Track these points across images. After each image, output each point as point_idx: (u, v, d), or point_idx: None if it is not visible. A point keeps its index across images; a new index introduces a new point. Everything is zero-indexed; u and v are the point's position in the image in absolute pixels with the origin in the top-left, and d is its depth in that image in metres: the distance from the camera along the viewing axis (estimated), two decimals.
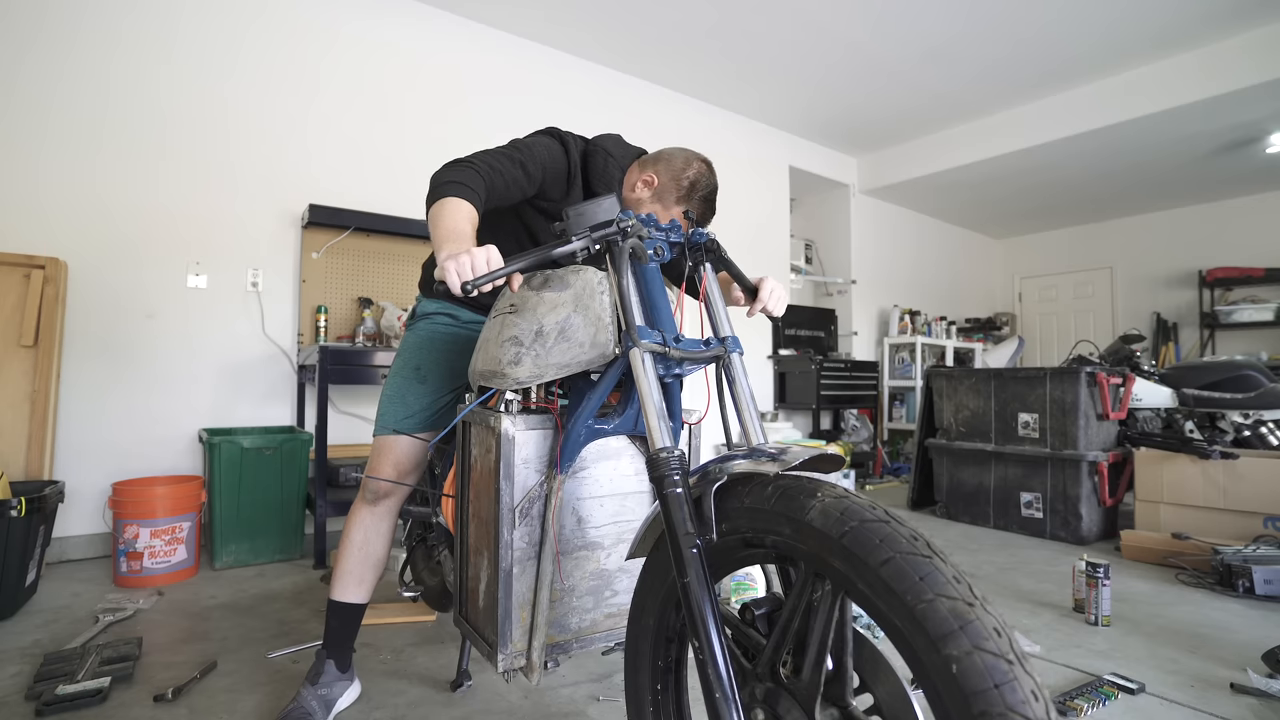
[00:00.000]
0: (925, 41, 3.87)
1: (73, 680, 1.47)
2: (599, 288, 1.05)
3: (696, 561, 0.80)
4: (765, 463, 0.79)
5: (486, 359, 1.11)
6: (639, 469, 1.20)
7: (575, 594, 1.13)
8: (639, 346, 0.94)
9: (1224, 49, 3.88)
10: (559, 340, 1.04)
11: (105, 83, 2.67)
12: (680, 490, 0.84)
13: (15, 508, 1.92)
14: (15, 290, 2.38)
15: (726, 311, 1.10)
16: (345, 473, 2.73)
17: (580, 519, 1.14)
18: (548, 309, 1.06)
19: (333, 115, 3.19)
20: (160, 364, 2.75)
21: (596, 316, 1.04)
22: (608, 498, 1.17)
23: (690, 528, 0.82)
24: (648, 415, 0.90)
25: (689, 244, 1.11)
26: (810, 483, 0.77)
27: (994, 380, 3.38)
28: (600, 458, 1.16)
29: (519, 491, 1.07)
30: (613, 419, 1.12)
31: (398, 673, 1.62)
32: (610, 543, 1.17)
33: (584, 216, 1.03)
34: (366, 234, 3.17)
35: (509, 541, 1.06)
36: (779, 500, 0.77)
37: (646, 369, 0.93)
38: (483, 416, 1.14)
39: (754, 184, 5.09)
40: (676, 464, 0.85)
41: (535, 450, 1.09)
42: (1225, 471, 2.72)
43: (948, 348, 5.96)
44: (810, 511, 0.72)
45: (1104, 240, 7.09)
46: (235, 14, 2.96)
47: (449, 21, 3.58)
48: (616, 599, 1.18)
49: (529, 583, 1.08)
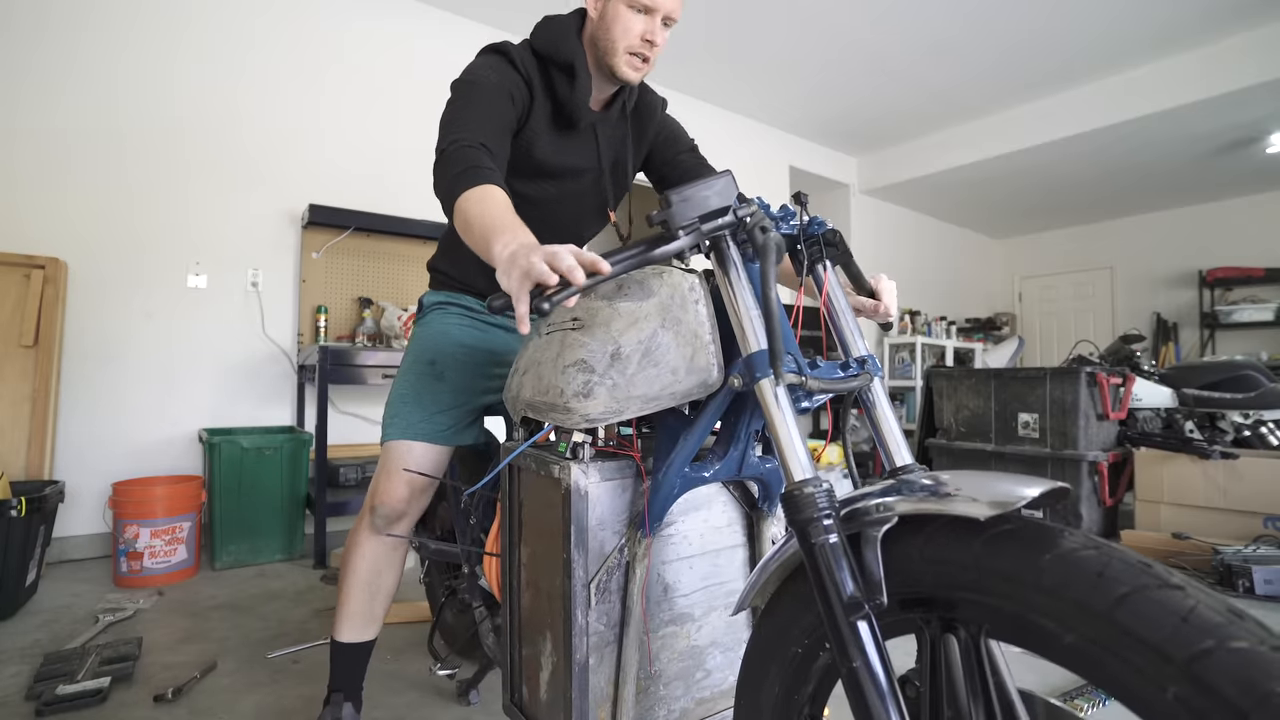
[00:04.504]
0: (925, 39, 3.87)
1: (73, 680, 1.47)
2: (691, 295, 0.83)
3: (868, 638, 0.61)
4: (952, 500, 0.59)
5: (539, 386, 0.88)
6: (732, 519, 1.00)
7: (662, 680, 0.93)
8: (780, 378, 0.70)
9: (1224, 49, 3.88)
10: (644, 365, 0.81)
11: (106, 83, 2.66)
12: (837, 539, 0.64)
13: (15, 508, 1.92)
14: (15, 290, 2.38)
15: (857, 323, 0.86)
16: (345, 473, 2.73)
17: (666, 587, 0.93)
18: (626, 324, 0.82)
19: (334, 115, 3.19)
20: (160, 364, 2.75)
21: (693, 333, 0.82)
22: (697, 557, 0.96)
23: (855, 591, 0.62)
24: (782, 449, 0.70)
25: (805, 236, 0.86)
26: (1045, 530, 0.57)
27: (994, 380, 3.38)
28: (687, 509, 0.95)
29: (594, 561, 0.86)
30: (712, 464, 0.89)
31: (397, 673, 1.62)
32: (701, 613, 0.96)
33: (690, 203, 0.79)
34: (366, 234, 3.17)
35: (583, 626, 0.85)
36: (996, 553, 0.56)
37: (782, 406, 0.72)
38: (540, 461, 0.91)
39: (754, 184, 5.09)
40: (826, 502, 0.65)
41: (612, 507, 0.88)
42: (1225, 471, 2.71)
43: (948, 348, 5.96)
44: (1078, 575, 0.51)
45: (1104, 240, 7.09)
46: (239, 15, 2.96)
47: (451, 22, 3.58)
48: (709, 680, 0.98)
49: (608, 674, 0.87)
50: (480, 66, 1.10)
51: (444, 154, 0.98)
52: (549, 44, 1.13)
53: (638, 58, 1.10)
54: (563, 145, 1.18)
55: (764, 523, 1.00)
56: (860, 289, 0.94)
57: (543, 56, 1.14)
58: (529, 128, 1.14)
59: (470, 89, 1.06)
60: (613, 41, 1.09)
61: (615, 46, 1.09)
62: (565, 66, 1.13)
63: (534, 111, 1.14)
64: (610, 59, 1.11)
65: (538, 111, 1.14)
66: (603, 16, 1.10)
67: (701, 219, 0.78)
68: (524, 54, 1.13)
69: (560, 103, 1.15)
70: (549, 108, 1.16)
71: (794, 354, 0.76)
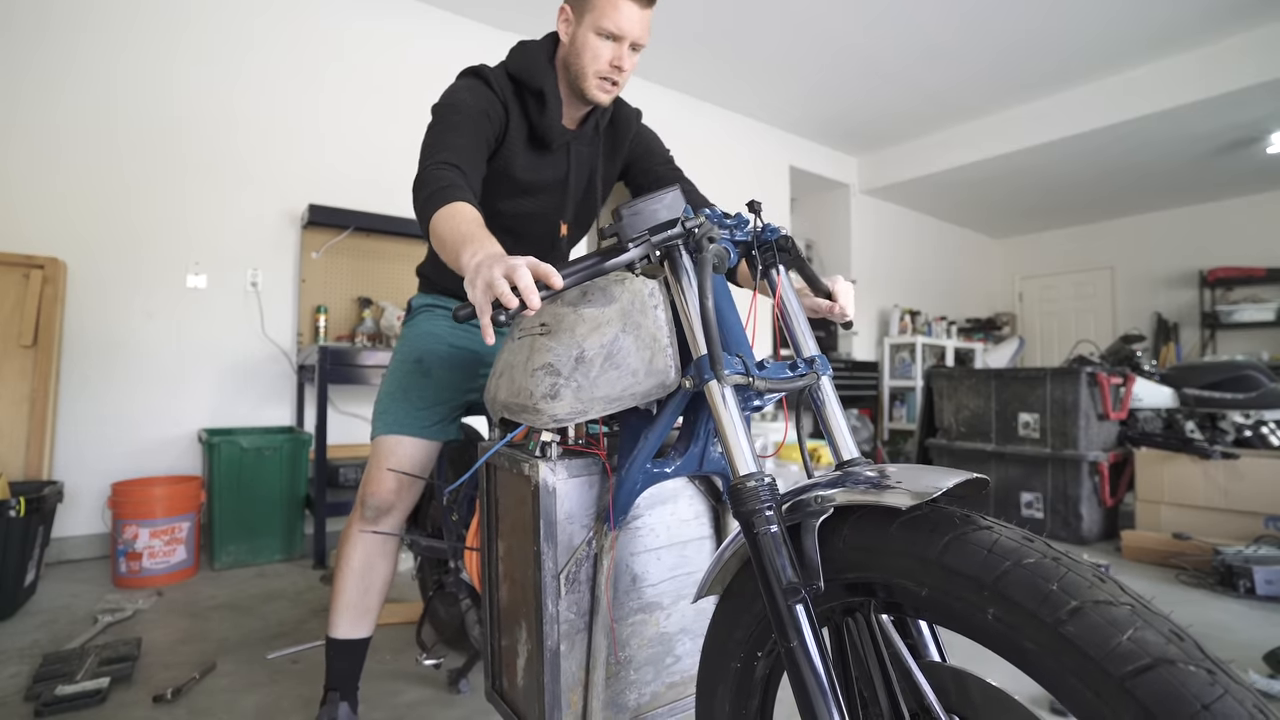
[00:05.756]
0: (919, 44, 3.87)
1: (72, 681, 1.47)
2: (650, 300, 0.88)
3: (804, 620, 0.66)
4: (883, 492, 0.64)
5: (512, 389, 0.93)
6: (699, 511, 1.03)
7: (633, 665, 0.96)
8: (721, 380, 0.75)
9: (1223, 49, 3.88)
10: (606, 368, 0.85)
11: (106, 83, 2.66)
12: (776, 529, 0.69)
13: (14, 508, 1.92)
14: (15, 290, 2.37)
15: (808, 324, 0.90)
16: (345, 473, 2.73)
17: (635, 577, 0.96)
18: (589, 329, 0.87)
19: (333, 115, 3.19)
20: (160, 364, 2.74)
21: (651, 337, 0.86)
22: (665, 549, 1.00)
23: (794, 576, 0.67)
24: (728, 446, 0.75)
25: (758, 243, 0.91)
26: (952, 516, 0.62)
27: (994, 380, 3.38)
28: (654, 503, 0.98)
29: (563, 554, 0.90)
30: (673, 460, 0.93)
31: (396, 673, 1.61)
32: (670, 601, 1.00)
33: (640, 216, 0.85)
34: (366, 234, 3.17)
35: (554, 615, 0.89)
36: (910, 538, 0.62)
37: (729, 405, 0.76)
38: (512, 459, 0.96)
39: (754, 184, 5.08)
40: (768, 494, 0.70)
41: (580, 502, 0.92)
42: (1226, 471, 2.71)
43: (948, 348, 5.96)
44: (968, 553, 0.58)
45: (1104, 240, 7.09)
46: (238, 15, 2.95)
47: (451, 22, 3.57)
48: (679, 665, 1.01)
49: (579, 660, 0.91)
50: (458, 90, 1.16)
51: (420, 177, 1.04)
52: (522, 70, 1.19)
53: (607, 81, 1.16)
54: (538, 163, 1.25)
55: (727, 515, 1.05)
56: (817, 290, 0.98)
57: (516, 80, 1.21)
58: (506, 147, 1.20)
59: (448, 112, 1.12)
60: (583, 67, 1.15)
61: (585, 71, 1.15)
62: (536, 93, 1.19)
63: (510, 131, 1.20)
64: (581, 83, 1.17)
65: (514, 131, 1.20)
66: (573, 42, 1.16)
67: (651, 231, 0.84)
68: (500, 77, 1.19)
69: (534, 124, 1.22)
70: (524, 129, 1.22)
71: (743, 355, 0.80)
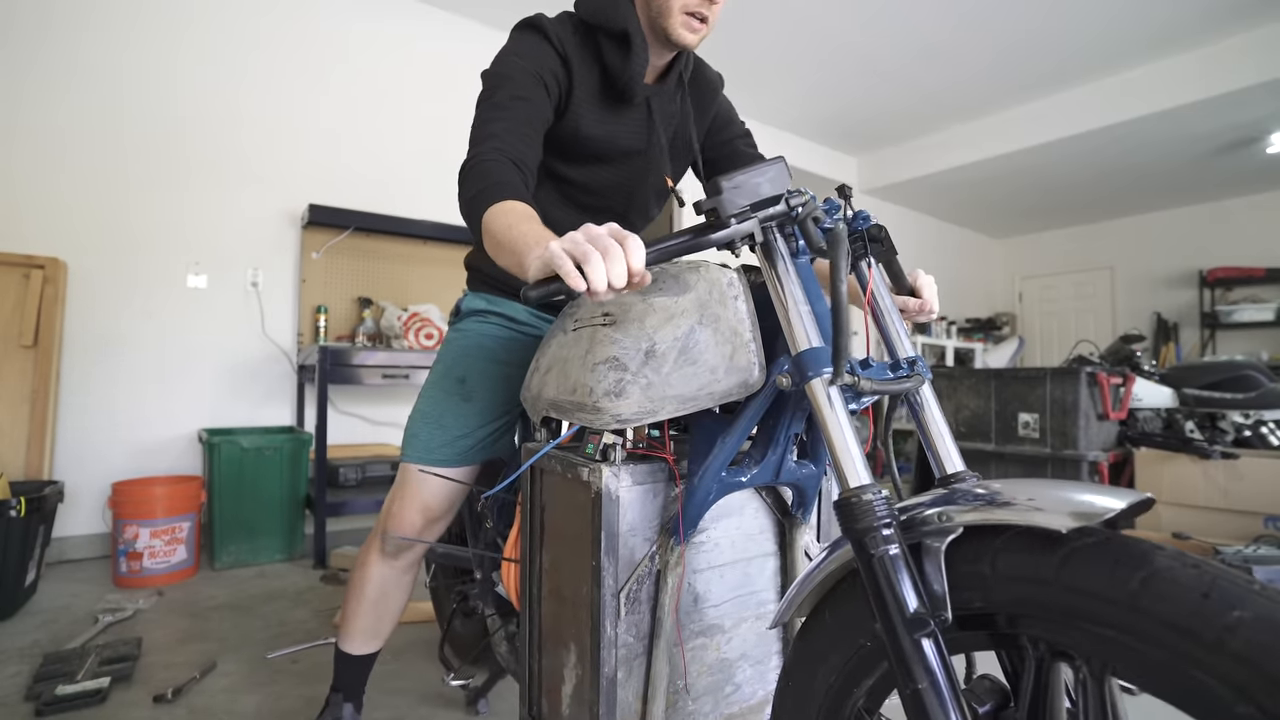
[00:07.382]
0: (916, 43, 3.87)
1: (72, 680, 1.47)
2: (730, 290, 0.79)
3: (934, 657, 0.56)
4: (1030, 512, 0.54)
5: (565, 385, 0.83)
6: (764, 525, 0.95)
7: (691, 694, 0.88)
8: (824, 378, 0.66)
9: (1222, 49, 3.88)
10: (680, 363, 0.76)
11: (108, 83, 2.66)
12: (898, 550, 0.59)
13: (15, 508, 1.92)
14: (15, 290, 2.38)
15: (903, 322, 0.80)
16: (345, 473, 2.73)
17: (696, 596, 0.87)
18: (661, 320, 0.78)
19: (334, 115, 3.19)
20: (160, 364, 2.74)
21: (732, 330, 0.78)
22: (728, 566, 0.91)
23: (921, 607, 0.57)
24: (836, 454, 0.66)
25: (850, 231, 0.80)
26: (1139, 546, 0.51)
27: (994, 380, 3.38)
28: (719, 515, 0.89)
29: (624, 570, 0.81)
30: (749, 468, 0.84)
31: (398, 673, 1.61)
32: (731, 624, 0.91)
33: (742, 190, 0.73)
34: (366, 234, 3.17)
35: (612, 638, 0.80)
36: (1084, 571, 0.51)
37: (836, 408, 0.67)
38: (566, 463, 0.86)
39: None
40: (886, 510, 0.61)
41: (643, 513, 0.83)
42: (1226, 471, 2.71)
43: (948, 348, 5.96)
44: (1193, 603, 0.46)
45: (1104, 240, 7.09)
46: (240, 15, 2.95)
47: (453, 23, 3.58)
48: (739, 694, 0.93)
49: (635, 689, 0.82)
50: (509, 52, 1.00)
51: (465, 170, 0.90)
52: (597, 11, 1.02)
53: (695, 18, 0.98)
54: (613, 122, 1.07)
55: (796, 530, 0.96)
56: (900, 288, 0.89)
57: (590, 25, 1.04)
58: (572, 108, 1.04)
59: (498, 83, 0.97)
60: (668, 1, 0.97)
61: (670, 7, 0.97)
62: (619, 35, 1.01)
63: (575, 88, 1.03)
64: (664, 20, 0.99)
65: (581, 87, 1.03)
66: None
67: (753, 207, 0.72)
68: (562, 27, 1.03)
69: (611, 75, 1.04)
70: (594, 81, 1.04)
71: None
